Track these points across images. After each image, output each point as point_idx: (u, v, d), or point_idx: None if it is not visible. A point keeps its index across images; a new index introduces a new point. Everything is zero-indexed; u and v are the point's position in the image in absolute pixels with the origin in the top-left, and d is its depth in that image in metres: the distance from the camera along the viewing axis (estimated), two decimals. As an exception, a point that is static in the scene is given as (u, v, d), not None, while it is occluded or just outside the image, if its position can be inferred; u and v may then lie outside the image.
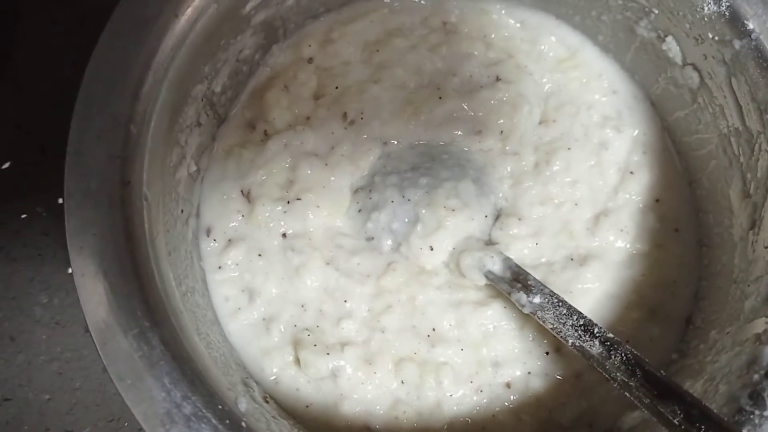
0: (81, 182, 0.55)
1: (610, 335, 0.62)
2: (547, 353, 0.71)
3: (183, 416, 0.52)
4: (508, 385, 0.70)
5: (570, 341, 0.63)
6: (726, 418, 0.55)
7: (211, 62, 0.67)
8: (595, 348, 0.62)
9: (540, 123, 0.78)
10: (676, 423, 0.54)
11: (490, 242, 0.74)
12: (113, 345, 0.53)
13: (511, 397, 0.70)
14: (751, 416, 0.55)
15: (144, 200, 0.57)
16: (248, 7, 0.68)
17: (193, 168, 0.70)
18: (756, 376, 0.57)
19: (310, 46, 0.78)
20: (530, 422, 0.69)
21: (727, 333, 0.64)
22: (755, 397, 0.56)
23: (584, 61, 0.80)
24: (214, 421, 0.53)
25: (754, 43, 0.63)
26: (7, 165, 0.87)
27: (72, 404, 0.82)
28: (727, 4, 0.64)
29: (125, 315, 0.53)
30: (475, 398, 0.70)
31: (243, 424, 0.54)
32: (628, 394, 0.58)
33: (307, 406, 0.69)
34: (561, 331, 0.64)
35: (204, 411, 0.53)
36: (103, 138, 0.56)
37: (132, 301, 0.53)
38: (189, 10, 0.60)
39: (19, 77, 0.90)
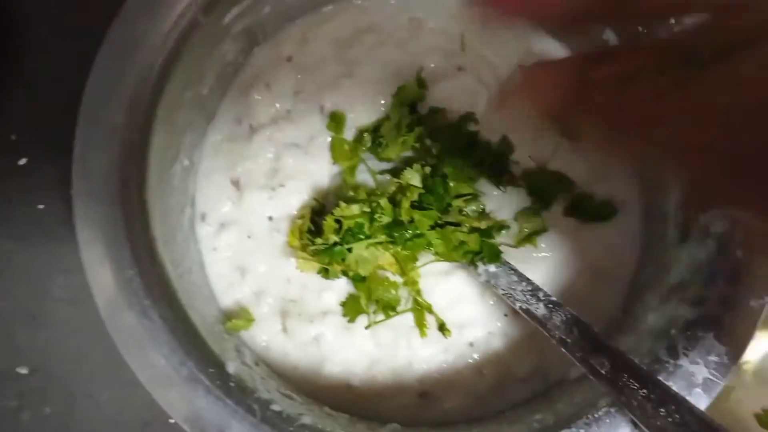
0: (86, 184, 0.64)
1: (553, 298, 0.71)
2: (505, 315, 0.79)
3: (181, 378, 0.62)
4: (471, 345, 0.79)
5: (518, 305, 0.72)
6: (646, 368, 0.64)
7: (198, 70, 0.75)
8: (540, 310, 0.71)
9: (499, 108, 0.86)
10: (604, 372, 0.63)
11: (455, 217, 0.82)
12: (119, 321, 0.63)
13: (474, 355, 0.79)
14: (666, 365, 0.64)
15: (142, 197, 0.66)
16: (228, 19, 0.76)
17: (186, 163, 0.79)
18: (673, 331, 0.65)
19: (288, 46, 0.86)
20: (490, 376, 0.78)
21: (656, 294, 0.72)
22: (671, 349, 0.64)
23: (539, 49, 0.87)
24: (206, 381, 0.62)
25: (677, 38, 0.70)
26: (23, 161, 0.95)
27: (91, 373, 0.91)
28: None
29: (128, 296, 0.63)
30: (442, 356, 0.79)
31: (231, 384, 0.64)
32: (564, 350, 0.67)
33: (294, 368, 0.78)
34: (511, 296, 0.73)
35: (198, 374, 0.62)
36: (103, 145, 0.65)
37: (133, 284, 0.63)
38: (174, 27, 0.68)
39: (30, 80, 0.98)
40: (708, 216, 0.67)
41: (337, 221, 0.75)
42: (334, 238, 0.74)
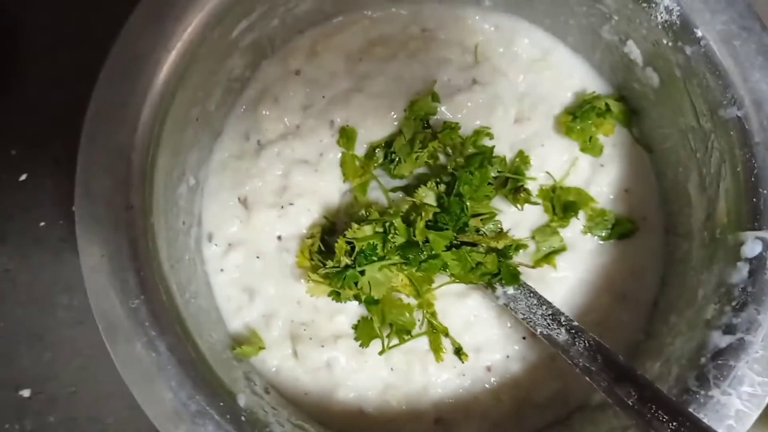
0: (89, 209, 0.62)
1: (576, 323, 0.68)
2: (523, 338, 0.77)
3: (189, 414, 0.59)
4: (489, 369, 0.77)
5: (539, 330, 0.70)
6: (675, 398, 0.61)
7: (204, 86, 0.73)
8: (562, 336, 0.68)
9: (515, 122, 0.83)
10: (630, 404, 0.60)
11: (468, 237, 0.80)
12: (125, 353, 0.60)
13: (492, 379, 0.76)
14: (697, 396, 0.61)
15: (147, 221, 0.63)
16: (236, 33, 0.73)
17: (192, 182, 0.76)
18: (703, 360, 0.63)
19: (296, 59, 0.83)
20: (509, 401, 0.76)
21: (683, 317, 0.70)
22: (701, 378, 0.62)
23: (556, 62, 0.84)
24: (216, 417, 0.60)
25: (703, 49, 0.67)
26: (24, 177, 0.93)
27: (96, 395, 0.89)
28: (678, 13, 0.68)
29: (134, 326, 0.60)
30: (458, 381, 0.76)
31: (243, 417, 0.61)
32: (588, 379, 0.64)
33: (305, 394, 0.76)
34: (531, 321, 0.70)
35: (207, 408, 0.60)
36: (107, 169, 0.62)
37: (139, 314, 0.60)
38: (179, 44, 0.65)
39: (29, 93, 0.95)
40: (739, 238, 0.64)
41: (349, 243, 0.72)
42: (346, 260, 0.71)
